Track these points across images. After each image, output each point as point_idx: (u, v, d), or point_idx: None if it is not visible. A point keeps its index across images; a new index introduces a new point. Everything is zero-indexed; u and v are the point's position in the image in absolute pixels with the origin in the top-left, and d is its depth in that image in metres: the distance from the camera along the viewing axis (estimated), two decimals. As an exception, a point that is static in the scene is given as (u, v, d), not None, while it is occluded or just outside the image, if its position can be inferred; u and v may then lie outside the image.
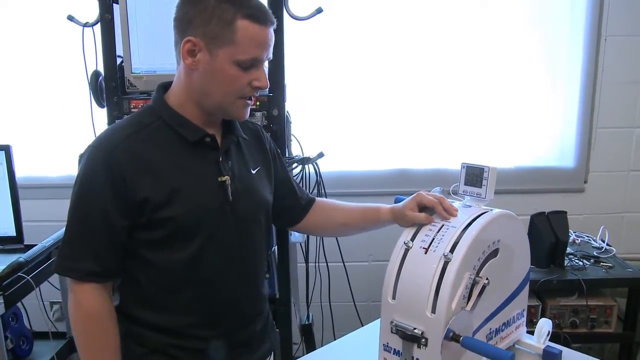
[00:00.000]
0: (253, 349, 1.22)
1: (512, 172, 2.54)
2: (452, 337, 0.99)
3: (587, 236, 2.49)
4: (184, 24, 1.06)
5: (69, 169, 2.39)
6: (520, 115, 2.52)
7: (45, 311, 2.15)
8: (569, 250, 2.26)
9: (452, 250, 1.02)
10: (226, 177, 1.12)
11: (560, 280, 2.09)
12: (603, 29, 2.48)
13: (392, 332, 1.04)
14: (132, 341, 1.12)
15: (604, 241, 2.39)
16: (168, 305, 1.12)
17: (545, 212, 2.20)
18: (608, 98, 2.54)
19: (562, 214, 2.22)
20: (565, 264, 2.19)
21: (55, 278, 1.96)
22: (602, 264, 2.23)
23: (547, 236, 2.17)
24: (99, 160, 1.05)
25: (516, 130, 2.53)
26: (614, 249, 2.34)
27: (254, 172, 1.21)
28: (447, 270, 1.00)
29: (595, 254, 2.30)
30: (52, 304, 2.43)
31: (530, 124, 2.54)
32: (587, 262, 2.22)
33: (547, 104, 2.54)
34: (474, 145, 2.49)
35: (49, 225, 2.11)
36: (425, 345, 1.00)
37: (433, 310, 0.99)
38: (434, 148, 2.50)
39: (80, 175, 1.07)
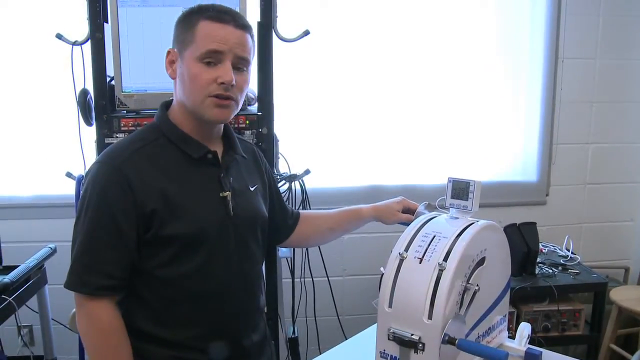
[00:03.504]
0: None
1: (479, 187, 2.65)
2: (448, 340, 1.04)
3: (553, 246, 2.62)
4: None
5: (45, 188, 2.35)
6: (486, 134, 2.65)
7: (20, 335, 2.09)
8: (537, 259, 2.36)
9: (445, 259, 1.07)
10: (228, 193, 1.15)
11: (533, 287, 2.19)
12: (560, 51, 2.64)
13: (389, 339, 1.07)
14: (134, 356, 1.12)
15: (568, 250, 2.52)
16: (171, 319, 1.13)
17: (516, 224, 2.30)
18: (565, 116, 2.70)
19: (532, 225, 2.33)
20: (536, 272, 2.29)
21: (32, 301, 1.90)
22: (569, 271, 2.35)
23: (519, 246, 2.26)
24: (109, 175, 1.07)
25: (482, 148, 2.65)
26: (578, 257, 2.47)
27: (252, 189, 1.24)
28: (441, 279, 1.05)
29: (562, 262, 2.43)
30: (20, 327, 2.34)
31: (495, 141, 2.67)
32: (556, 270, 2.34)
33: (511, 122, 2.68)
34: (444, 162, 2.59)
35: (21, 246, 2.05)
36: (423, 350, 1.04)
37: (430, 317, 1.03)
38: (406, 166, 2.58)
39: (89, 191, 1.08)
